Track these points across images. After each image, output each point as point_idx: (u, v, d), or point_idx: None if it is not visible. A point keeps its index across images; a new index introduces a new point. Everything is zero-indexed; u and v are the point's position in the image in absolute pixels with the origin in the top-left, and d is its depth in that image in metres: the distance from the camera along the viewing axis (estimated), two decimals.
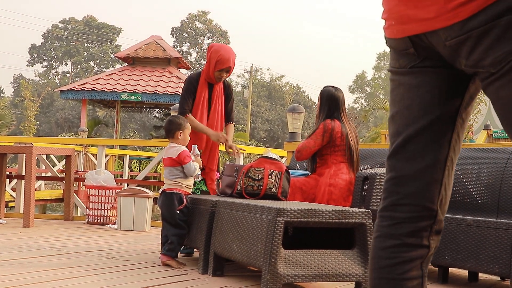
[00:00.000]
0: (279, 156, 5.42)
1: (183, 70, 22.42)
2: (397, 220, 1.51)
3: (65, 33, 57.49)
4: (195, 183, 4.50)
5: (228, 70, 4.65)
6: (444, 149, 1.49)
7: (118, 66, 43.72)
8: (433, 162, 1.48)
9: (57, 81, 56.93)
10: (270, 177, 4.07)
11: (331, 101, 4.62)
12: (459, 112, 1.49)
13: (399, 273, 1.49)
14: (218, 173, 4.84)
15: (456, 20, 1.28)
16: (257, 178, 4.10)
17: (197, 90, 4.68)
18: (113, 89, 17.56)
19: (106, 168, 10.59)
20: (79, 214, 9.50)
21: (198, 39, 55.84)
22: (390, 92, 1.56)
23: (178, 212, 4.13)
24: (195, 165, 4.18)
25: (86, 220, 7.01)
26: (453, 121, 1.48)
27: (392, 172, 1.53)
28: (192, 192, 4.36)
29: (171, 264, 4.04)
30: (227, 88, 4.86)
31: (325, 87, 4.75)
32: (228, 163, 4.69)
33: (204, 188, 4.74)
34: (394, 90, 1.53)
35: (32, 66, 58.96)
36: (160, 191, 4.27)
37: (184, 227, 4.15)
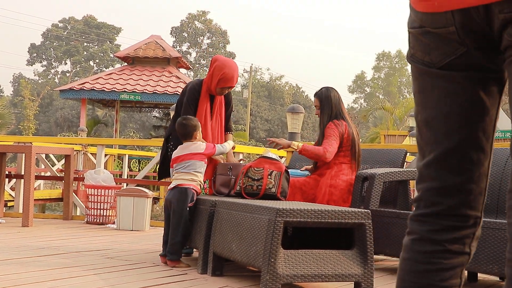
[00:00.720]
0: (279, 156, 5.41)
1: (182, 70, 22.43)
2: (441, 226, 1.46)
3: (65, 33, 57.48)
4: None
5: (230, 87, 4.63)
6: (487, 159, 1.44)
7: (117, 65, 43.72)
8: (478, 174, 1.44)
9: (56, 80, 56.91)
10: (269, 177, 4.07)
11: (332, 101, 4.62)
12: (495, 119, 1.44)
13: (438, 280, 1.44)
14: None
15: None
16: (256, 178, 4.09)
17: (199, 101, 4.63)
18: (113, 89, 17.56)
19: (105, 167, 10.58)
20: (78, 213, 9.49)
21: (198, 39, 55.85)
22: (418, 89, 1.45)
23: (187, 209, 4.11)
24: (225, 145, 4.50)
25: (85, 220, 7.01)
26: (492, 129, 1.44)
27: (433, 182, 1.46)
28: None
29: (180, 267, 4.04)
30: (227, 96, 4.82)
31: (320, 89, 4.75)
32: (221, 162, 4.67)
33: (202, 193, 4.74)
34: (427, 92, 1.43)
35: (32, 66, 58.97)
36: (172, 185, 4.21)
37: (190, 226, 4.13)
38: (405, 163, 5.35)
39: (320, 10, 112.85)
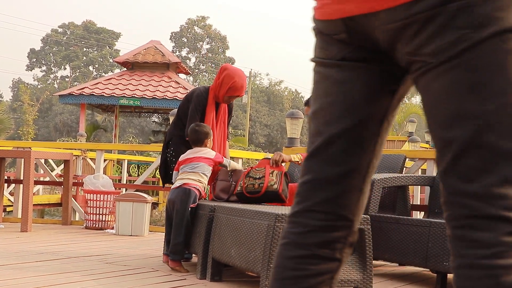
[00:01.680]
0: None
1: (182, 75, 22.45)
2: (309, 228, 1.35)
3: (64, 38, 57.54)
4: None
5: (238, 96, 4.67)
6: (368, 154, 1.35)
7: (117, 70, 43.78)
8: (355, 168, 1.34)
9: (56, 85, 56.93)
10: (271, 175, 4.09)
11: None
12: (386, 114, 1.36)
13: (304, 287, 1.33)
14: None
15: (402, 1, 1.16)
16: (258, 176, 4.11)
17: (206, 108, 4.65)
18: (112, 94, 17.56)
19: (104, 172, 10.57)
20: (77, 219, 9.49)
21: (197, 44, 55.91)
22: (312, 83, 1.40)
23: (189, 209, 4.12)
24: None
25: (84, 225, 7.00)
26: (379, 124, 1.35)
27: (308, 175, 1.38)
28: None
29: (180, 269, 4.04)
30: (230, 104, 4.85)
31: (310, 97, 4.78)
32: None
33: None
34: (318, 84, 1.38)
35: (31, 71, 59.03)
36: (177, 184, 4.21)
37: (191, 227, 4.13)
38: (404, 168, 5.36)
39: None
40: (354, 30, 1.27)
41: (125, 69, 19.41)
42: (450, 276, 4.04)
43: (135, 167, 17.54)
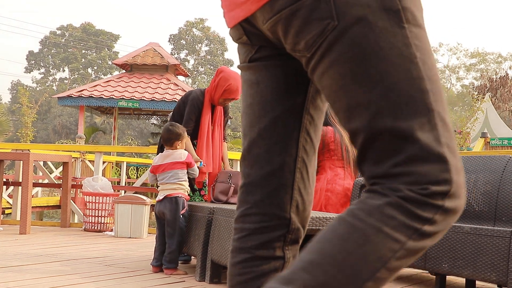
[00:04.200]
0: None
1: (180, 77, 22.45)
2: (246, 232, 1.36)
3: (63, 40, 57.53)
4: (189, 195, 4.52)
5: (234, 98, 4.68)
6: (292, 150, 1.35)
7: (116, 73, 43.77)
8: (279, 166, 1.34)
9: (54, 87, 56.92)
10: None
11: None
12: (305, 108, 1.35)
13: None
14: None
15: (266, 0, 1.17)
16: None
17: (202, 111, 4.66)
18: (111, 96, 17.56)
19: (103, 175, 10.57)
20: (76, 221, 9.48)
21: (196, 46, 55.91)
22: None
23: (181, 216, 4.15)
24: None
25: (83, 227, 7.00)
26: (298, 119, 1.35)
27: (242, 179, 1.40)
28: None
29: (178, 274, 4.04)
30: (225, 107, 4.87)
31: None
32: (222, 170, 4.71)
33: (198, 200, 4.75)
34: (242, 88, 1.42)
35: (30, 73, 58.98)
36: (161, 197, 4.22)
37: (185, 233, 4.15)
38: None
39: None
40: (251, 32, 1.30)
41: (124, 71, 19.40)
42: (449, 278, 4.05)
43: (134, 169, 17.55)
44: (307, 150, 1.37)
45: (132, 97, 17.44)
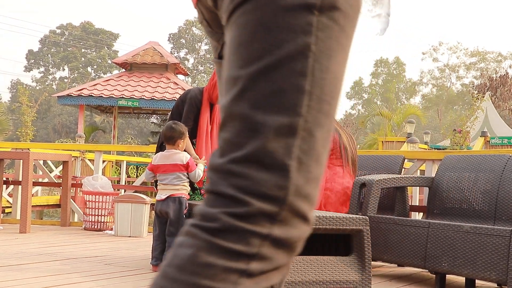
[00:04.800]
0: None
1: (180, 76, 22.44)
2: None
3: (62, 39, 57.51)
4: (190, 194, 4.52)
5: None
6: None
7: (115, 71, 43.74)
8: None
9: (54, 86, 56.90)
10: None
11: None
12: None
13: None
14: None
15: None
16: None
17: (201, 111, 4.66)
18: (111, 95, 17.56)
19: (103, 174, 10.57)
20: (76, 220, 9.48)
21: (196, 45, 55.92)
22: None
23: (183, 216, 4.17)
24: (199, 172, 4.33)
25: (83, 226, 7.00)
26: None
27: None
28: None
29: None
30: None
31: None
32: None
33: (198, 199, 4.75)
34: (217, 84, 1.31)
35: (29, 72, 58.96)
36: (164, 196, 4.22)
37: None
38: (403, 169, 5.36)
39: None
40: (207, 14, 1.15)
41: (124, 70, 19.41)
42: (449, 277, 4.05)
43: (133, 168, 17.55)
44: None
45: (131, 96, 17.45)
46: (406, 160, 5.12)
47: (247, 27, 0.91)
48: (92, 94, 17.59)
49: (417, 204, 6.06)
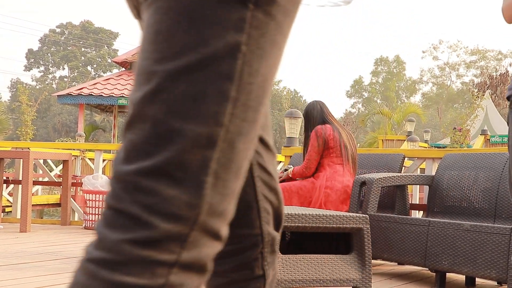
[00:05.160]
0: (277, 161, 5.49)
1: None
2: (219, 254, 1.15)
3: (62, 38, 57.52)
4: None
5: None
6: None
7: (115, 70, 43.76)
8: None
9: (54, 86, 56.92)
10: None
11: (313, 112, 4.74)
12: None
13: None
14: None
15: None
16: None
17: None
18: (111, 94, 17.57)
19: (103, 173, 10.57)
20: (76, 219, 9.48)
21: None
22: None
23: None
24: None
25: (84, 225, 7.00)
26: None
27: None
28: None
29: None
30: None
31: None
32: None
33: None
34: None
35: (29, 71, 59.01)
36: None
37: None
38: (403, 167, 5.36)
39: (318, 15, 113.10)
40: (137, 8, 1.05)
41: (124, 69, 19.42)
42: (449, 275, 4.05)
43: None
44: (259, 152, 1.21)
45: None
46: (406, 158, 5.12)
47: (169, 13, 0.78)
48: (92, 93, 17.60)
49: (417, 203, 6.06)
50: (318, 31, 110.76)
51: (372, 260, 3.43)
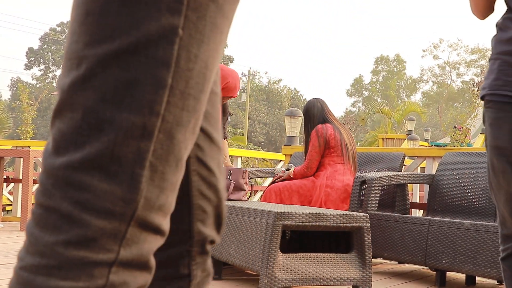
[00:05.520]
0: (278, 160, 5.48)
1: None
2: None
3: (63, 37, 57.51)
4: None
5: (232, 97, 4.69)
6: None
7: None
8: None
9: (54, 84, 56.91)
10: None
11: (313, 110, 4.74)
12: None
13: None
14: None
15: None
16: None
17: None
18: None
19: None
20: None
21: None
22: None
23: None
24: None
25: None
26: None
27: None
28: None
29: None
30: (224, 104, 4.88)
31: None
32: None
33: None
34: None
35: (30, 70, 59.00)
36: None
37: None
38: (403, 166, 5.37)
39: (318, 14, 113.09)
40: None
41: None
42: (449, 274, 4.05)
43: None
44: (200, 145, 1.16)
45: None
46: (406, 157, 5.12)
47: None
48: None
49: (418, 201, 6.06)
50: (318, 30, 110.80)
51: (372, 259, 3.44)
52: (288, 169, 4.85)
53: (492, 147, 1.74)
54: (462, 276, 4.15)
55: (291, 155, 5.91)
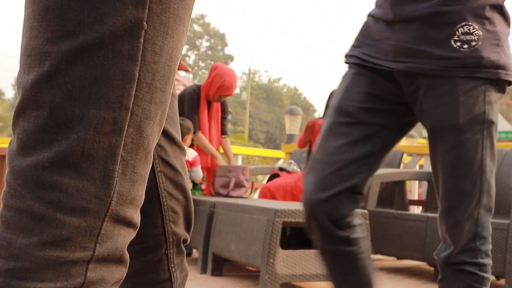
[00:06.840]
0: (278, 158, 5.51)
1: (181, 72, 22.47)
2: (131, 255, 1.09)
3: None
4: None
5: (228, 95, 4.74)
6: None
7: None
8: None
9: None
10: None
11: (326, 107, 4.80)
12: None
13: None
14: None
15: None
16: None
17: (199, 108, 4.73)
18: None
19: None
20: None
21: (197, 41, 55.92)
22: None
23: None
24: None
25: None
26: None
27: None
28: None
29: None
30: (223, 102, 4.93)
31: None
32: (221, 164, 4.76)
33: (198, 194, 4.80)
34: None
35: None
36: None
37: None
38: (402, 163, 5.40)
39: (318, 12, 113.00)
40: None
41: None
42: None
43: None
44: (162, 146, 1.14)
45: None
46: (405, 154, 5.16)
47: None
48: None
49: (416, 198, 6.10)
50: (319, 30, 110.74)
51: (371, 255, 3.47)
52: (282, 168, 4.93)
53: None
54: None
55: (291, 152, 5.94)
